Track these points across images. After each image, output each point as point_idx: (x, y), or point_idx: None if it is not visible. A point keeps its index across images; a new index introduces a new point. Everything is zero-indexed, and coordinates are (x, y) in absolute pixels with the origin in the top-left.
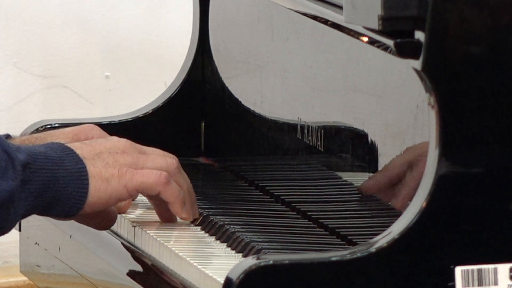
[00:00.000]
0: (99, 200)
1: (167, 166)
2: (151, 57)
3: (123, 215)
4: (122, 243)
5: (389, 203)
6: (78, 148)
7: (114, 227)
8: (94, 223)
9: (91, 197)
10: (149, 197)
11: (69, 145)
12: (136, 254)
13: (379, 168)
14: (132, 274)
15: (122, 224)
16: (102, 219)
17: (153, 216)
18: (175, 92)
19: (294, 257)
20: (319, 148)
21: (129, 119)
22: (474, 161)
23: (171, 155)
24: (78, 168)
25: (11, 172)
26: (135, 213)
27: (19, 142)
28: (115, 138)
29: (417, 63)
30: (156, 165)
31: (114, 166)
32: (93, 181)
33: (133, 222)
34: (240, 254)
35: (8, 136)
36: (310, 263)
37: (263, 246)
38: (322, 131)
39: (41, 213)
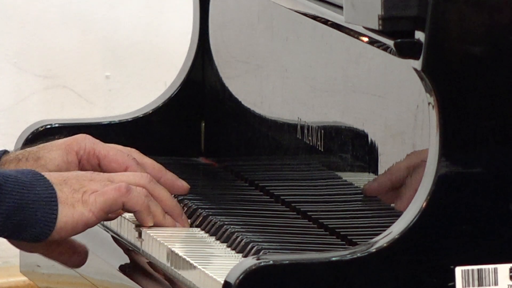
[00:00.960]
0: (66, 226)
1: (140, 178)
2: (151, 57)
3: (124, 215)
4: (122, 243)
5: (392, 205)
6: (47, 175)
7: (114, 227)
8: (63, 259)
9: (59, 222)
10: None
11: (39, 172)
12: (136, 254)
13: (379, 168)
14: (132, 274)
15: (122, 225)
16: (71, 254)
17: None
18: (175, 92)
19: (294, 257)
20: (319, 148)
21: (129, 119)
22: (474, 161)
23: (143, 177)
24: (48, 193)
25: None
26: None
27: (14, 157)
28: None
29: (417, 63)
30: (125, 179)
31: (79, 191)
32: (60, 207)
33: (133, 222)
34: (240, 254)
35: (5, 152)
36: (310, 263)
37: (263, 246)
38: (322, 131)
39: (10, 236)
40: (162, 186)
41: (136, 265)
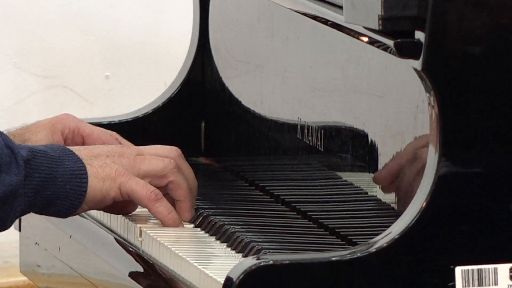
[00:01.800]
0: (94, 199)
1: (163, 167)
2: (151, 57)
3: (123, 214)
4: (122, 243)
5: (392, 205)
6: (77, 150)
7: (114, 227)
8: (114, 210)
9: (88, 195)
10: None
11: (68, 147)
12: (136, 254)
13: (379, 168)
14: (132, 274)
15: (122, 224)
16: (121, 206)
17: (153, 216)
18: (175, 92)
19: (294, 257)
20: (319, 148)
21: (129, 119)
22: (474, 161)
23: (173, 150)
24: (78, 167)
25: (15, 167)
26: (135, 213)
27: None
28: (113, 145)
29: (417, 63)
30: (151, 166)
31: (111, 167)
32: (90, 180)
33: (133, 222)
34: (240, 254)
35: None
36: (310, 263)
37: (263, 246)
38: (322, 131)
39: (40, 211)
40: (188, 169)
41: (136, 265)
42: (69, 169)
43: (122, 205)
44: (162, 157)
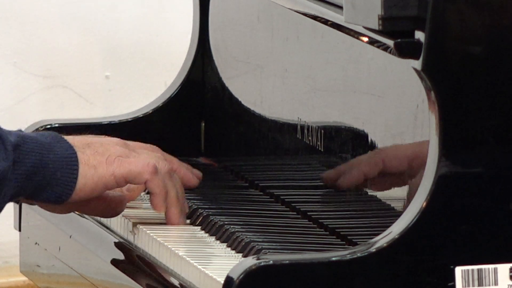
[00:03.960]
0: (85, 187)
1: (142, 169)
2: (151, 57)
3: (123, 214)
4: (122, 243)
5: (392, 205)
6: (69, 138)
7: (114, 227)
8: (99, 211)
9: (78, 183)
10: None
11: (61, 135)
12: (136, 254)
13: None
14: (132, 274)
15: (122, 224)
16: (106, 206)
17: (154, 215)
18: (175, 92)
19: (294, 257)
20: (319, 148)
21: (129, 119)
22: (474, 161)
23: (167, 158)
24: (68, 154)
25: (3, 152)
26: (135, 213)
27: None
28: (109, 137)
29: (417, 63)
30: (150, 149)
31: (103, 154)
32: (81, 167)
33: (133, 221)
34: (240, 254)
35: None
36: (310, 263)
37: (263, 246)
38: (322, 131)
39: (31, 196)
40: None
41: (136, 265)
42: (60, 156)
43: (109, 204)
44: (157, 157)
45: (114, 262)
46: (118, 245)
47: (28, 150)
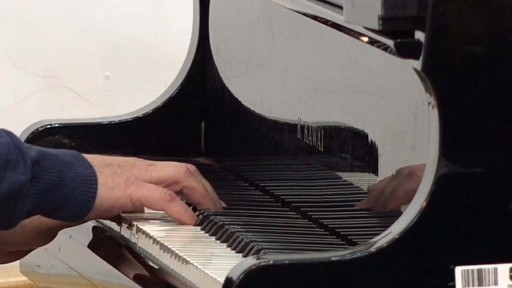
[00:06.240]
0: (101, 207)
1: (176, 172)
2: (151, 57)
3: (123, 214)
4: (122, 243)
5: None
6: (89, 157)
7: (114, 227)
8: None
9: (96, 203)
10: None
11: (81, 154)
12: (136, 253)
13: (379, 168)
14: (132, 274)
15: (122, 224)
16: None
17: (154, 216)
18: (175, 92)
19: (294, 257)
20: (319, 148)
21: (129, 119)
22: (474, 161)
23: (183, 164)
24: (88, 173)
25: (22, 166)
26: (136, 213)
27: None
28: (127, 157)
29: (417, 63)
30: (163, 172)
31: (121, 176)
32: (99, 187)
33: (133, 221)
34: (240, 254)
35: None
36: (310, 263)
37: (263, 246)
38: (322, 131)
39: (48, 214)
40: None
41: (135, 265)
42: (79, 175)
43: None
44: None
45: (114, 262)
46: (118, 245)
47: (47, 167)
